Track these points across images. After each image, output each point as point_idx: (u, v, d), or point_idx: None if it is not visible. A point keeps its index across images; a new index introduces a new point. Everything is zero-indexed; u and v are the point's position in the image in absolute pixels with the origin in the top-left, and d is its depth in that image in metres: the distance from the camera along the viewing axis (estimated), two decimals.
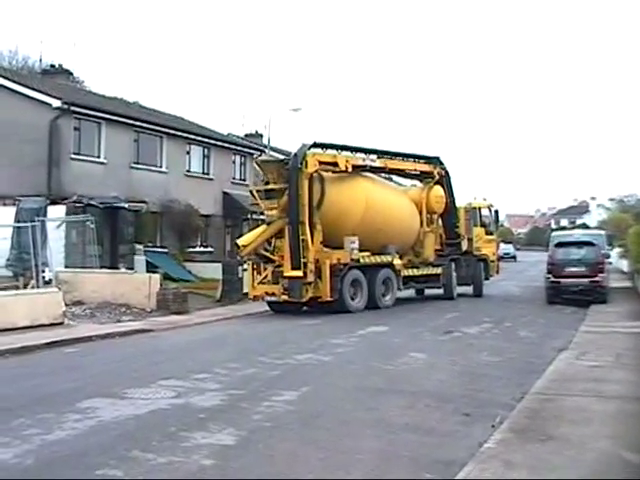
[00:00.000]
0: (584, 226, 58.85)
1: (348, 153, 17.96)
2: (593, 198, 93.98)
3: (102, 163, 22.81)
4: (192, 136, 27.24)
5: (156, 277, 17.29)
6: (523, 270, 37.56)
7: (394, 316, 16.62)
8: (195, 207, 25.75)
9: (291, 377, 8.87)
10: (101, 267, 19.21)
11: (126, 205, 21.89)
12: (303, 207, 15.82)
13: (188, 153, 27.19)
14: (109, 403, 7.42)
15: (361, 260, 17.22)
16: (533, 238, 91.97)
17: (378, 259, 17.79)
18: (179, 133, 26.37)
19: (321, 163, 16.68)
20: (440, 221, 21.09)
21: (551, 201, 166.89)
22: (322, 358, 10.32)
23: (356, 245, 17.01)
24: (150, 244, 23.56)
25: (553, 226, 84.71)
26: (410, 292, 21.40)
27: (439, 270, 20.26)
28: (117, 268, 20.09)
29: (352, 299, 16.89)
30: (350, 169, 17.47)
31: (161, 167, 25.64)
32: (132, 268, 20.04)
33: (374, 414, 6.97)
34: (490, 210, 24.25)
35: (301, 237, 15.71)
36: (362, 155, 18.43)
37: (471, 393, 7.95)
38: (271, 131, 38.34)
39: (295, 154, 16.38)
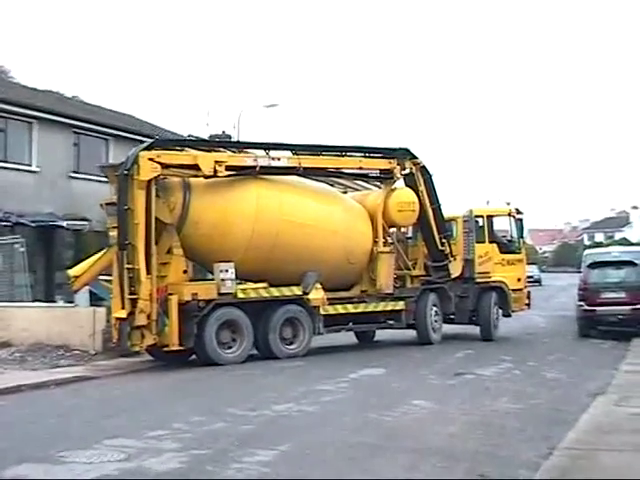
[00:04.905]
0: (624, 242, 59.40)
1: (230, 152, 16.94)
2: (635, 207, 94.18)
3: (34, 172, 22.82)
4: (145, 138, 27.20)
5: (102, 312, 17.17)
6: (550, 297, 37.71)
7: (393, 355, 16.82)
8: None
9: (268, 432, 8.87)
10: (33, 300, 19.11)
11: (64, 224, 21.82)
12: (135, 226, 14.94)
13: None
14: (42, 470, 7.34)
15: (240, 294, 15.93)
16: (562, 257, 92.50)
17: (275, 292, 16.38)
18: (129, 135, 26.40)
19: (169, 167, 15.71)
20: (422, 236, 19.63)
21: (583, 212, 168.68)
22: (306, 408, 10.36)
23: (230, 274, 15.80)
24: None
25: (586, 242, 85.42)
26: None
27: (400, 305, 18.53)
28: (53, 301, 20.00)
29: (228, 347, 15.76)
30: (223, 172, 16.11)
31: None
32: (72, 301, 19.91)
33: (370, 477, 6.96)
34: (513, 218, 21.24)
35: (126, 265, 14.84)
36: (258, 153, 17.19)
37: (487, 449, 7.97)
38: (242, 131, 38.42)
39: (128, 156, 15.60)
